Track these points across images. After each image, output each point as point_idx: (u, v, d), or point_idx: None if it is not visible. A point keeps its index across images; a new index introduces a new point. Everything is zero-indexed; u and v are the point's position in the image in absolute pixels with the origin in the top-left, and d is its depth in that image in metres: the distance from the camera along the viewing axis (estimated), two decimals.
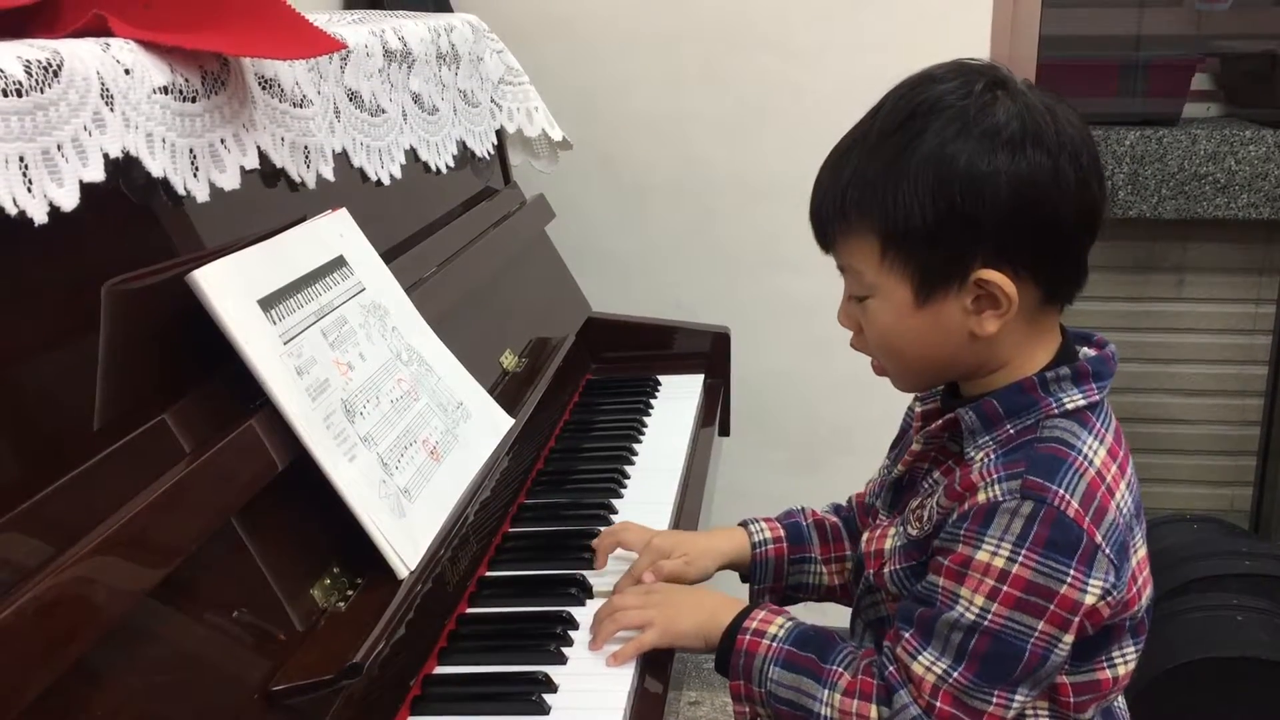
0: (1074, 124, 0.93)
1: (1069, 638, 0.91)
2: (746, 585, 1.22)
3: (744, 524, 1.23)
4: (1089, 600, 0.90)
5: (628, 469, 1.48)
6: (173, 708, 0.79)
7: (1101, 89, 2.74)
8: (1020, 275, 0.92)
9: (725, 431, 1.82)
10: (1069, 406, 0.95)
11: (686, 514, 1.40)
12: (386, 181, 1.36)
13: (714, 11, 2.11)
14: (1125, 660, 0.98)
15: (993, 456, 0.94)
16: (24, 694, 0.66)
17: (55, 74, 0.79)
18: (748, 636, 1.03)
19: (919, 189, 0.90)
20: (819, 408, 2.28)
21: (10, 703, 0.65)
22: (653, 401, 1.70)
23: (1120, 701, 1.07)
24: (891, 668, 0.96)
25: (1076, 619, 0.91)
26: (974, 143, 0.89)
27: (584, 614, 1.13)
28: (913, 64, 0.98)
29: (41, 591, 0.69)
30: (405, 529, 1.03)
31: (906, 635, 0.95)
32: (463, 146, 1.64)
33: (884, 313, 0.96)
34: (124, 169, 0.88)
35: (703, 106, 2.16)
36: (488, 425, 1.28)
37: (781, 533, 1.22)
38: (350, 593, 0.99)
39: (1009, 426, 0.95)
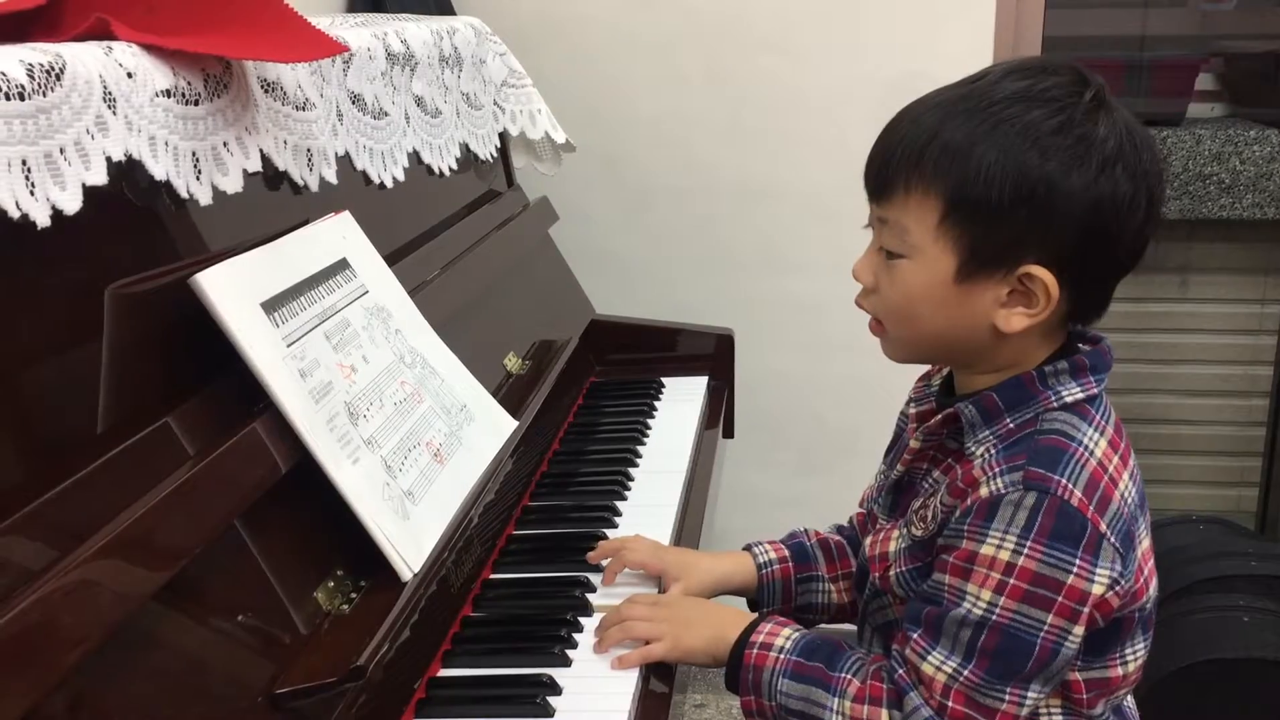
0: (1155, 157, 0.93)
1: (1079, 629, 0.91)
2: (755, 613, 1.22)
3: (748, 547, 1.23)
4: (1097, 590, 0.90)
5: (632, 471, 1.48)
6: (177, 711, 0.79)
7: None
8: (1062, 284, 0.92)
9: (729, 433, 1.81)
10: (1067, 399, 0.94)
11: (691, 516, 1.40)
12: (389, 184, 1.36)
13: (715, 14, 2.11)
14: (1136, 656, 0.98)
15: (993, 451, 0.94)
16: (29, 697, 0.66)
17: (58, 77, 0.79)
18: (755, 650, 1.02)
19: (1006, 168, 0.89)
20: (822, 409, 2.27)
21: (14, 705, 0.65)
22: (656, 404, 1.70)
23: (1129, 701, 1.06)
24: (901, 670, 0.95)
25: (1085, 610, 0.90)
26: (1071, 145, 0.89)
27: (588, 617, 1.13)
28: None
29: (46, 595, 0.69)
30: (409, 531, 1.03)
31: (915, 636, 0.95)
32: (465, 149, 1.64)
33: (917, 277, 0.94)
34: (127, 172, 0.88)
35: (704, 108, 2.16)
36: (491, 428, 1.28)
37: (786, 553, 1.22)
38: (354, 596, 0.98)
39: (1009, 420, 0.95)
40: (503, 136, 1.81)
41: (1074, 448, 0.92)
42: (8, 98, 0.74)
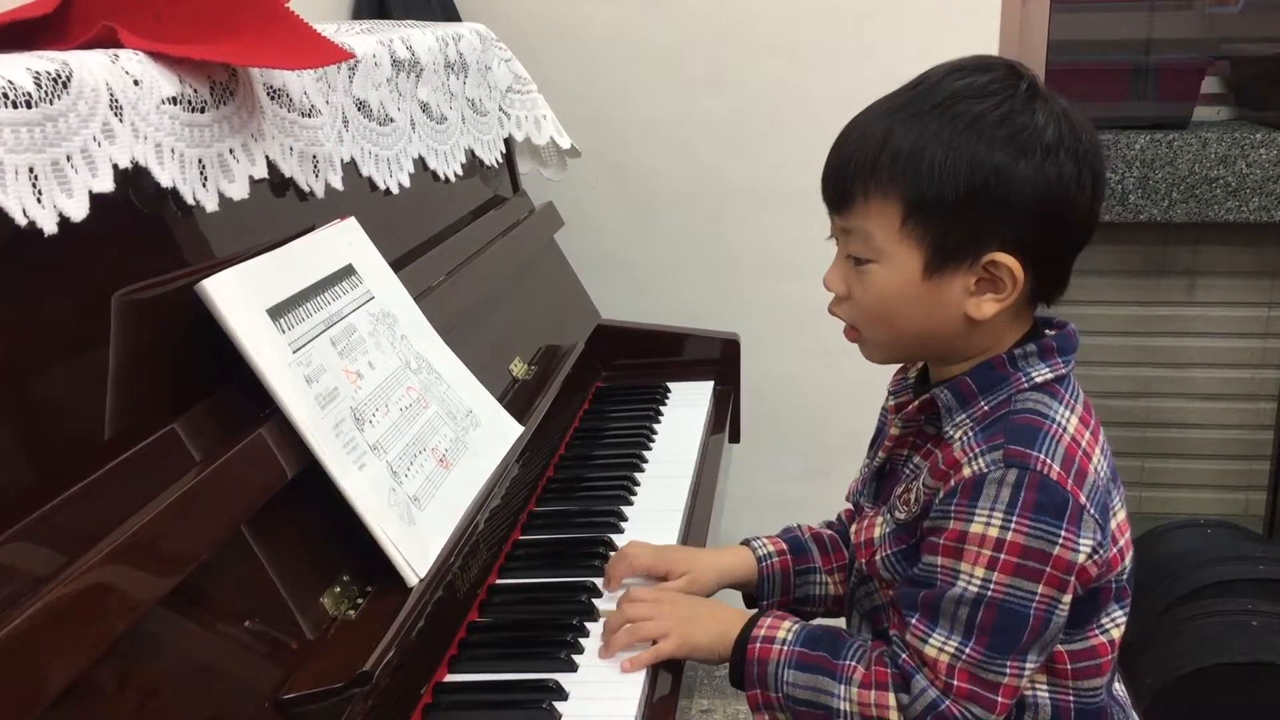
0: (1093, 137, 0.97)
1: (1067, 598, 0.94)
2: (753, 609, 1.22)
3: (746, 542, 1.24)
4: (1080, 559, 0.93)
5: (638, 476, 1.47)
6: (183, 716, 0.79)
7: (1111, 92, 2.73)
8: (1025, 267, 0.95)
9: (735, 438, 1.81)
10: (1038, 380, 0.98)
11: (697, 521, 1.40)
12: (395, 190, 1.36)
13: (720, 18, 2.11)
14: (1116, 624, 1.01)
15: (971, 433, 0.97)
16: (36, 702, 0.66)
17: (64, 85, 0.79)
18: (758, 645, 1.04)
19: (957, 165, 0.92)
20: (829, 413, 2.27)
21: (22, 711, 0.65)
22: (662, 408, 1.70)
23: (1119, 688, 1.08)
24: (904, 655, 0.98)
25: (1071, 579, 0.94)
26: (1014, 135, 0.92)
27: (594, 622, 1.13)
28: (921, 69, 0.98)
29: (53, 600, 0.69)
30: (415, 537, 1.03)
31: (913, 620, 0.97)
32: (471, 155, 1.64)
33: (886, 280, 0.98)
34: (133, 179, 0.88)
35: (710, 113, 2.16)
36: (497, 433, 1.28)
37: (784, 546, 1.24)
38: (360, 601, 0.99)
39: (983, 403, 0.98)
40: (508, 142, 1.82)
41: (1048, 425, 0.95)
42: (15, 105, 0.74)
